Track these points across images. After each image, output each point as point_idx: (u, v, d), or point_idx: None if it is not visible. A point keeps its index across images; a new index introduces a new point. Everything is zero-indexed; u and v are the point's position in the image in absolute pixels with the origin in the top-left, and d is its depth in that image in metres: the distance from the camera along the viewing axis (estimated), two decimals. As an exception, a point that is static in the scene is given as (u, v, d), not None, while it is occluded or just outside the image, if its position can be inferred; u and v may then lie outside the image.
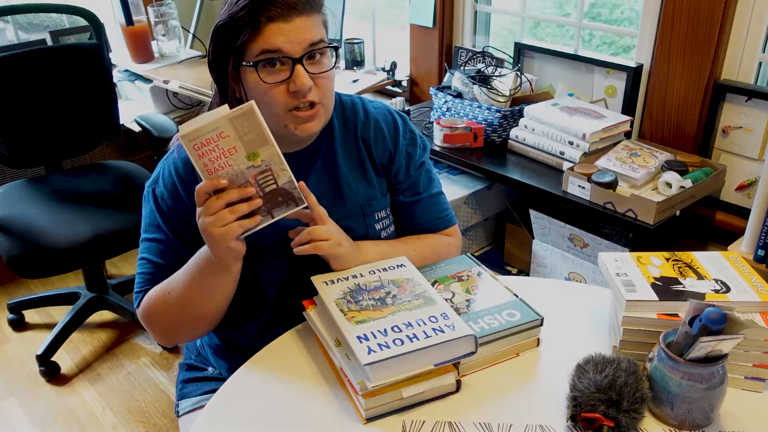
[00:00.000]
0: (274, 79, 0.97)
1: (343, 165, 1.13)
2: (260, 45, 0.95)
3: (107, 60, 2.30)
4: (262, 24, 0.94)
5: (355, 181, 1.14)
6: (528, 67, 2.22)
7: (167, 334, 1.10)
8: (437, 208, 1.22)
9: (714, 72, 1.77)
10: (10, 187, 2.19)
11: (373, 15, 2.71)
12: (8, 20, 2.69)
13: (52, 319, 2.43)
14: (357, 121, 1.15)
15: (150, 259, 1.08)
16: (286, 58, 0.96)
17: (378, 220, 1.16)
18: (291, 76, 0.97)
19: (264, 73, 0.97)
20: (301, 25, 0.96)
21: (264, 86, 0.97)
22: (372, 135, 1.15)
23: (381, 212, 1.16)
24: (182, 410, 1.22)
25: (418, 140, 1.20)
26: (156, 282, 1.07)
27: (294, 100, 0.98)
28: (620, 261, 1.04)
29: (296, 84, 0.96)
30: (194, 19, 2.93)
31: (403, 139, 1.18)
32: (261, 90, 0.98)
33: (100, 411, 2.03)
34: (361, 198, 1.14)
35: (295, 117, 1.00)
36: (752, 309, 0.94)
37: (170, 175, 1.07)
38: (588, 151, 1.80)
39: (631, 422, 0.83)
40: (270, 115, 0.99)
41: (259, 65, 0.96)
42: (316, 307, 1.03)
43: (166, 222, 1.07)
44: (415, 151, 1.19)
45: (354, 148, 1.15)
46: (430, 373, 0.91)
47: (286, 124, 1.01)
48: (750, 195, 1.80)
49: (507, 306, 1.02)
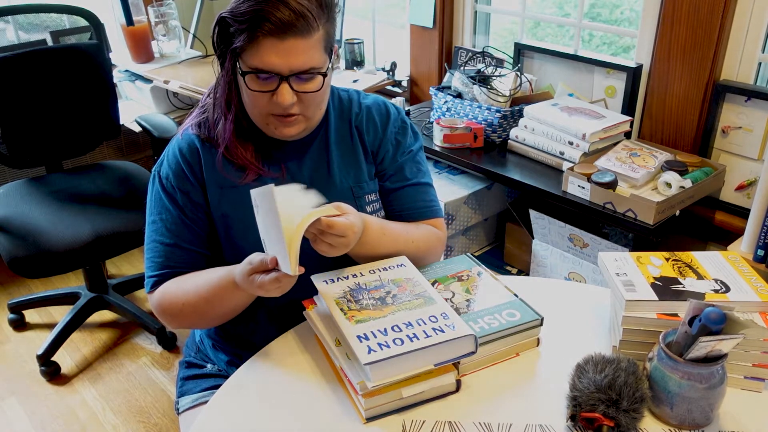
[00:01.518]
0: (260, 88, 1.02)
1: (335, 150, 1.17)
2: (253, 59, 0.99)
3: (107, 60, 2.30)
4: (258, 36, 0.97)
5: (345, 164, 1.17)
6: (528, 67, 2.22)
7: (176, 325, 1.14)
8: (424, 197, 1.22)
9: (714, 72, 1.77)
10: (11, 187, 2.19)
11: (373, 15, 2.71)
12: (8, 20, 2.69)
13: (52, 319, 2.43)
14: (351, 112, 1.20)
15: (158, 240, 1.11)
16: (274, 75, 1.00)
17: (368, 202, 1.19)
18: (276, 89, 1.01)
19: (251, 80, 1.02)
20: (295, 47, 0.98)
21: (250, 91, 1.03)
22: (364, 123, 1.19)
23: (371, 195, 1.19)
24: (182, 407, 1.23)
25: (409, 130, 1.23)
26: (166, 264, 1.10)
27: (275, 107, 1.03)
28: (620, 261, 1.04)
29: (278, 99, 1.02)
30: (194, 19, 2.93)
31: (393, 127, 1.21)
32: (249, 92, 1.04)
33: (100, 411, 2.03)
34: (351, 180, 1.17)
35: (275, 120, 1.06)
36: (752, 309, 0.94)
37: (174, 156, 1.12)
38: (588, 151, 1.81)
39: (630, 422, 0.83)
40: (254, 112, 1.07)
41: (247, 76, 1.01)
42: (316, 307, 1.03)
43: (170, 201, 1.11)
44: (405, 139, 1.22)
45: (348, 135, 1.19)
46: (430, 373, 0.91)
47: (267, 124, 1.08)
48: (749, 195, 1.80)
49: (507, 306, 1.02)
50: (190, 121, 1.16)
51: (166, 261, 1.10)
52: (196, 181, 1.11)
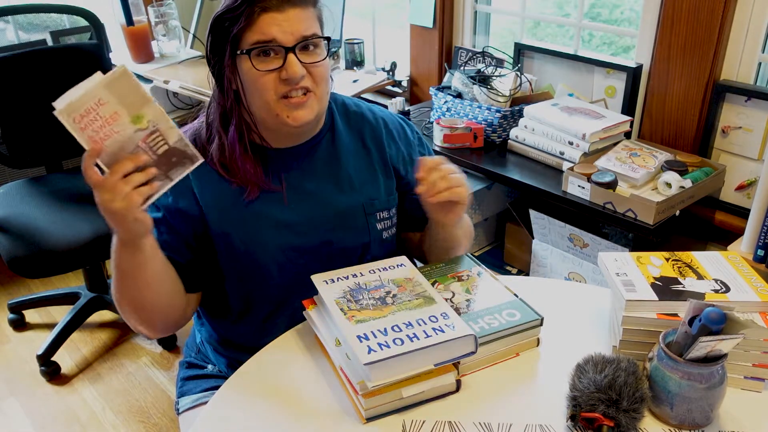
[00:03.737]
0: (267, 67, 1.00)
1: (348, 164, 1.14)
2: (254, 34, 0.98)
3: (107, 60, 2.30)
4: (256, 14, 0.97)
5: (359, 180, 1.15)
6: (528, 67, 2.22)
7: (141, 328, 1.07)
8: None
9: (714, 72, 1.77)
10: (11, 187, 2.19)
11: (373, 15, 2.71)
12: (9, 20, 2.69)
13: (52, 319, 2.43)
14: (363, 123, 1.18)
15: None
16: (279, 47, 0.99)
17: (380, 219, 1.17)
18: (284, 64, 0.99)
19: (257, 61, 1.00)
20: (295, 17, 0.99)
21: (256, 73, 1.00)
22: (384, 137, 1.19)
23: (383, 212, 1.17)
24: (182, 407, 1.23)
25: (423, 139, 1.26)
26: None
27: (286, 86, 1.01)
28: (620, 261, 1.04)
29: (288, 72, 0.99)
30: (194, 19, 2.93)
31: (413, 139, 1.23)
32: (253, 77, 1.01)
33: (100, 411, 2.03)
34: (364, 197, 1.15)
35: (287, 104, 1.02)
36: (752, 309, 0.94)
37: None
38: (588, 151, 1.80)
39: (630, 422, 0.83)
40: (261, 103, 1.02)
41: (252, 53, 0.99)
42: (316, 307, 1.03)
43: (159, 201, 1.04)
44: (424, 150, 1.25)
45: (362, 149, 1.17)
46: (430, 373, 0.91)
47: (278, 113, 1.02)
48: (749, 195, 1.80)
49: (507, 306, 1.02)
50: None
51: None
52: (192, 196, 1.07)
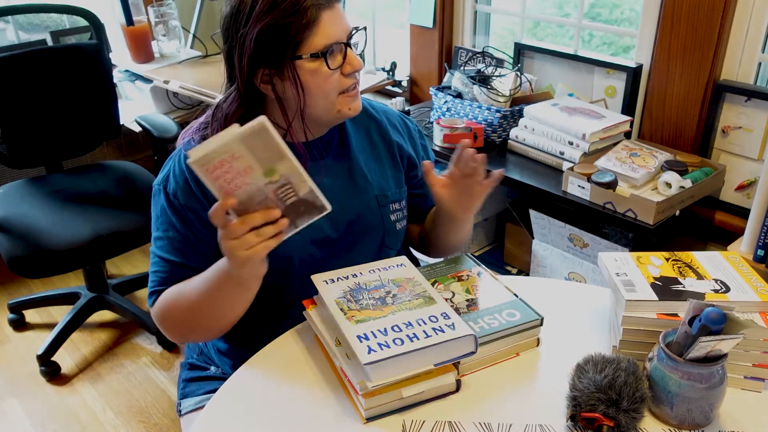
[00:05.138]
0: (335, 65, 1.01)
1: (358, 158, 1.16)
2: (320, 39, 0.99)
3: (107, 60, 2.30)
4: (319, 16, 0.98)
5: (370, 173, 1.17)
6: (528, 67, 2.22)
7: (178, 336, 1.11)
8: None
9: (714, 72, 1.77)
10: (11, 187, 2.19)
11: (373, 15, 2.71)
12: (8, 20, 2.69)
13: (52, 319, 2.43)
14: (367, 119, 1.20)
15: (163, 257, 1.07)
16: (338, 44, 1.01)
17: (393, 211, 1.19)
18: (344, 60, 1.02)
19: (331, 60, 1.01)
20: (341, 11, 1.03)
21: (325, 74, 1.01)
22: (390, 131, 1.21)
23: (395, 204, 1.19)
24: (184, 410, 1.22)
25: (422, 131, 1.30)
26: (170, 280, 1.06)
27: (349, 80, 1.04)
28: (620, 261, 1.04)
29: (353, 65, 1.03)
30: (194, 19, 2.93)
31: (415, 132, 1.26)
32: (321, 78, 1.01)
33: (100, 411, 2.03)
34: (377, 189, 1.17)
35: (347, 97, 1.05)
36: (752, 309, 0.94)
37: (182, 172, 1.07)
38: (588, 151, 1.80)
39: (630, 422, 0.83)
40: (326, 103, 1.04)
41: (327, 54, 1.00)
42: (316, 307, 1.03)
43: (179, 218, 1.06)
44: (425, 142, 1.29)
45: (368, 144, 1.19)
46: (430, 373, 0.91)
47: (340, 108, 1.06)
48: (749, 195, 1.80)
49: (507, 306, 1.02)
50: (191, 134, 1.11)
51: (171, 277, 1.06)
52: (204, 197, 1.05)
